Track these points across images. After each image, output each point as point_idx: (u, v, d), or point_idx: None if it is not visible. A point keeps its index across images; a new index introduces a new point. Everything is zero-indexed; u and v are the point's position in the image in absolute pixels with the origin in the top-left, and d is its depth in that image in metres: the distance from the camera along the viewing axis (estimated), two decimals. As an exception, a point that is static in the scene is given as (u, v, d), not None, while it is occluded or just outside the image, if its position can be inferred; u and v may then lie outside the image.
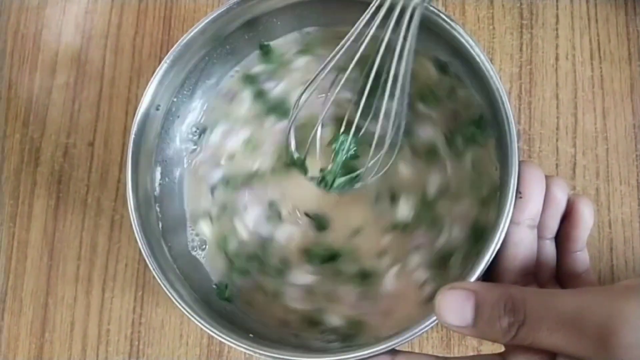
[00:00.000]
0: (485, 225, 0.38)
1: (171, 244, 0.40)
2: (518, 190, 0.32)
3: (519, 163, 0.33)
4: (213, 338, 0.43)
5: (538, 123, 0.47)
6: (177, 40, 0.38)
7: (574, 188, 0.46)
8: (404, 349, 0.33)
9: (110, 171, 0.50)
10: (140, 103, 0.38)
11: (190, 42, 0.39)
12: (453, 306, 0.28)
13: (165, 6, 0.52)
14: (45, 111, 0.52)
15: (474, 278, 0.32)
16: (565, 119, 0.47)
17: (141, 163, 0.39)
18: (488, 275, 0.33)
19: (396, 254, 0.39)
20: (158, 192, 0.41)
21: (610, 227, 0.45)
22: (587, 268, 0.33)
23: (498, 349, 0.31)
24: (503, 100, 0.34)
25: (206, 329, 0.35)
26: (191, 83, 0.42)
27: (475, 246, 0.38)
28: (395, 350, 0.33)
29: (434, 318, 0.32)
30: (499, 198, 0.37)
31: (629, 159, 0.46)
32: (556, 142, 0.47)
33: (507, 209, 0.32)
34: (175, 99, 0.42)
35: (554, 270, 0.33)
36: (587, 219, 0.32)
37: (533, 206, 0.32)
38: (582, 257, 0.33)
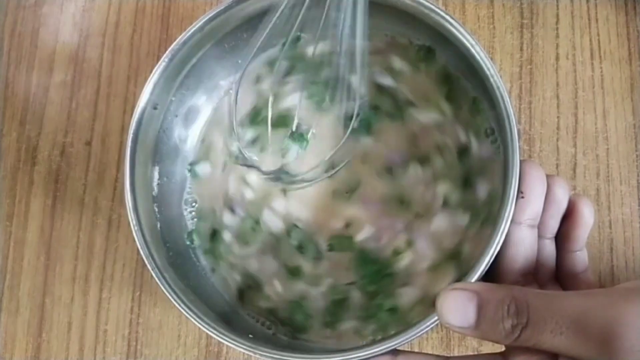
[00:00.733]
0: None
1: (169, 244, 0.40)
2: (519, 190, 0.32)
3: (520, 162, 0.33)
4: (211, 338, 0.43)
5: (538, 123, 0.47)
6: (176, 39, 0.38)
7: (575, 188, 0.46)
8: (404, 349, 0.33)
9: (107, 170, 0.50)
10: (137, 102, 0.38)
11: (189, 41, 0.39)
12: (455, 307, 0.28)
13: (164, 4, 0.52)
14: (43, 110, 0.51)
15: (475, 278, 0.32)
16: (566, 118, 0.47)
17: (139, 162, 0.39)
18: (488, 275, 0.33)
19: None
20: (156, 192, 0.41)
21: (610, 227, 0.45)
22: (586, 268, 0.33)
23: (498, 349, 0.31)
24: (504, 99, 0.34)
25: (205, 329, 0.35)
26: (189, 82, 0.42)
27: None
28: (396, 350, 0.32)
29: (434, 318, 0.32)
30: (500, 197, 0.37)
31: (629, 159, 0.46)
32: (556, 142, 0.46)
33: (509, 208, 0.32)
34: (174, 98, 0.41)
35: (553, 270, 0.33)
36: (587, 218, 0.32)
37: (534, 206, 0.32)
38: (582, 257, 0.33)
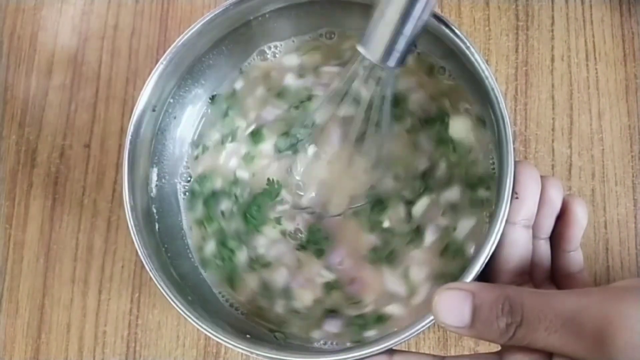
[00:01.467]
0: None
1: (168, 246, 0.40)
2: (514, 191, 0.32)
3: (515, 163, 0.33)
4: (210, 339, 0.43)
5: (534, 124, 0.47)
6: (174, 41, 0.38)
7: (570, 189, 0.46)
8: (400, 349, 0.33)
9: (106, 172, 0.50)
10: (136, 104, 0.38)
11: (187, 43, 0.39)
12: (450, 307, 0.29)
13: (162, 7, 0.52)
14: (42, 112, 0.51)
15: (471, 278, 0.32)
16: (561, 120, 0.47)
17: (137, 164, 0.39)
18: (484, 275, 0.33)
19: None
20: (155, 194, 0.41)
21: (605, 228, 0.46)
22: (582, 268, 0.33)
23: (495, 349, 0.31)
24: (499, 100, 0.34)
25: (203, 330, 0.35)
26: (187, 84, 0.42)
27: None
28: (393, 350, 0.33)
29: (430, 318, 0.32)
30: (495, 198, 0.37)
31: (624, 160, 0.46)
32: (552, 143, 0.47)
33: (503, 209, 0.32)
34: (172, 100, 0.42)
35: (548, 270, 0.34)
36: (581, 218, 0.32)
37: (529, 206, 0.32)
38: (577, 257, 0.33)
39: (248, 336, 0.37)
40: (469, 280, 0.32)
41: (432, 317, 0.32)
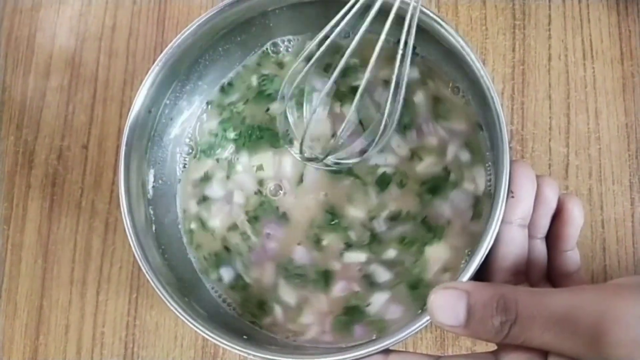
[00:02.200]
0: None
1: (165, 247, 0.40)
2: (510, 190, 0.32)
3: (511, 163, 0.33)
4: (208, 340, 0.43)
5: (531, 123, 0.47)
6: (171, 42, 0.38)
7: (567, 188, 0.46)
8: (397, 349, 0.33)
9: (104, 173, 0.50)
10: (132, 106, 0.38)
11: (182, 45, 0.39)
12: (446, 306, 0.29)
13: (159, 8, 0.52)
14: (39, 114, 0.51)
15: (467, 277, 0.32)
16: (558, 119, 0.47)
17: (134, 166, 0.39)
18: (480, 275, 0.33)
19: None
20: (151, 195, 0.41)
21: (603, 227, 0.46)
22: (578, 267, 0.33)
23: (492, 349, 0.31)
24: (494, 100, 0.34)
25: (200, 332, 0.35)
26: (184, 86, 0.42)
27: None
28: (389, 350, 0.33)
29: (427, 318, 0.32)
30: (491, 197, 0.37)
31: (621, 159, 0.46)
32: (549, 142, 0.47)
33: (499, 208, 0.32)
34: (168, 101, 0.42)
35: (545, 270, 0.34)
36: (577, 217, 0.32)
37: (524, 206, 0.32)
38: (573, 257, 0.33)
39: (245, 337, 0.37)
40: (465, 279, 0.32)
41: (428, 317, 0.32)
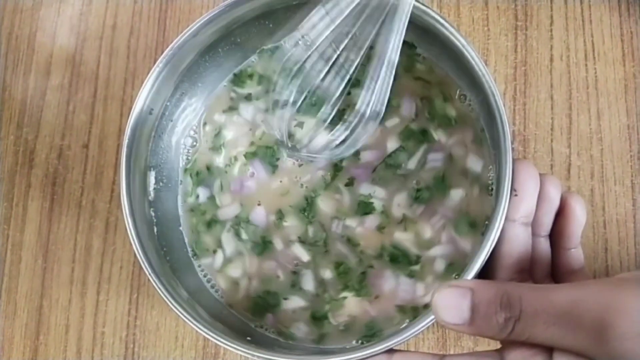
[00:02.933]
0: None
1: (166, 248, 0.40)
2: (513, 188, 0.32)
3: (513, 161, 0.33)
4: (209, 340, 0.43)
5: (533, 124, 0.47)
6: (172, 41, 0.38)
7: (569, 189, 0.46)
8: (400, 349, 0.33)
9: (105, 173, 0.50)
10: (132, 107, 0.38)
11: (183, 45, 0.39)
12: (450, 304, 0.29)
13: (160, 7, 0.52)
14: (40, 113, 0.51)
15: (471, 276, 0.32)
16: (560, 119, 0.47)
17: (135, 168, 0.39)
18: (484, 273, 0.33)
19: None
20: (153, 197, 0.41)
21: (605, 228, 0.46)
22: (582, 265, 0.33)
23: (495, 347, 0.31)
24: (496, 99, 0.34)
25: (201, 332, 0.35)
26: (184, 86, 0.42)
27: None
28: (393, 350, 0.33)
29: (430, 318, 0.32)
30: (494, 196, 0.37)
31: (623, 160, 0.46)
32: (551, 143, 0.47)
33: (503, 207, 0.32)
34: (169, 103, 0.41)
35: (549, 268, 0.34)
36: (579, 215, 0.32)
37: (527, 204, 0.32)
38: (577, 255, 0.33)
39: (249, 338, 0.37)
40: (469, 278, 0.32)
41: (432, 317, 0.32)
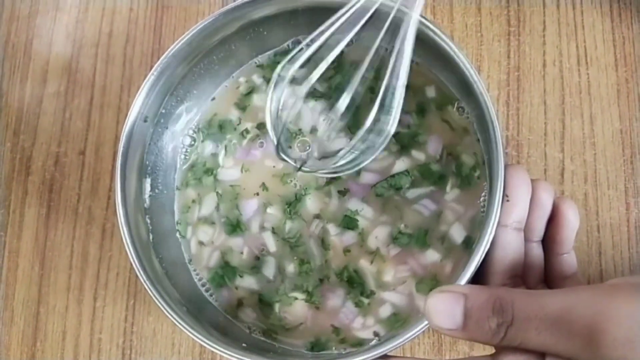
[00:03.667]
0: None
1: (162, 255, 0.40)
2: (505, 194, 0.33)
3: (506, 167, 0.33)
4: (205, 347, 0.43)
5: (526, 129, 0.47)
6: (168, 49, 0.38)
7: (562, 193, 0.46)
8: (395, 354, 0.33)
9: (101, 180, 0.50)
10: (127, 116, 0.39)
11: (177, 54, 0.39)
12: (443, 309, 0.29)
13: (156, 15, 0.52)
14: (36, 120, 0.52)
15: (464, 281, 0.33)
16: (553, 124, 0.47)
17: (130, 175, 0.39)
18: (477, 278, 0.33)
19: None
20: (148, 204, 0.41)
21: (598, 232, 0.46)
22: (575, 271, 0.34)
23: (490, 352, 0.31)
24: (488, 105, 0.35)
25: (197, 339, 0.35)
26: (179, 93, 0.42)
27: None
28: (387, 356, 0.33)
29: (424, 323, 0.32)
30: (487, 201, 0.38)
31: (616, 164, 0.47)
32: (544, 148, 0.47)
33: (495, 212, 0.33)
34: (164, 110, 0.42)
35: (542, 273, 0.34)
36: (572, 220, 0.33)
37: (519, 209, 0.32)
38: (570, 260, 0.33)
39: (244, 345, 0.37)
40: (462, 282, 0.32)
41: (426, 323, 0.32)
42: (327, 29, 0.36)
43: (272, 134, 0.38)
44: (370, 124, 0.36)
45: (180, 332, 0.47)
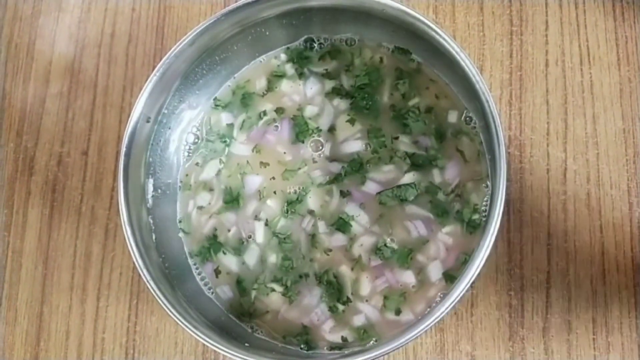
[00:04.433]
0: None
1: (165, 255, 0.40)
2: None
3: (508, 169, 0.33)
4: (208, 346, 0.44)
5: (529, 129, 0.47)
6: (170, 49, 0.39)
7: (565, 193, 0.46)
8: (398, 355, 0.33)
9: (104, 180, 0.50)
10: (130, 116, 0.39)
11: (180, 54, 0.39)
12: None
13: (158, 15, 0.52)
14: (39, 120, 0.52)
15: (463, 284, 0.33)
16: (556, 124, 0.47)
17: (133, 176, 0.39)
18: None
19: None
20: (151, 204, 0.41)
21: (601, 232, 0.46)
22: None
23: (491, 354, 0.31)
24: (490, 105, 0.35)
25: (200, 338, 0.35)
26: (182, 94, 0.42)
27: None
28: None
29: (427, 323, 0.33)
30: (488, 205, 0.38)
31: (619, 164, 0.46)
32: (547, 147, 0.47)
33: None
34: (166, 110, 0.42)
35: None
36: None
37: None
38: None
39: (246, 344, 0.37)
40: (460, 289, 0.33)
41: (428, 323, 0.32)
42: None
43: None
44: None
45: (183, 332, 0.47)
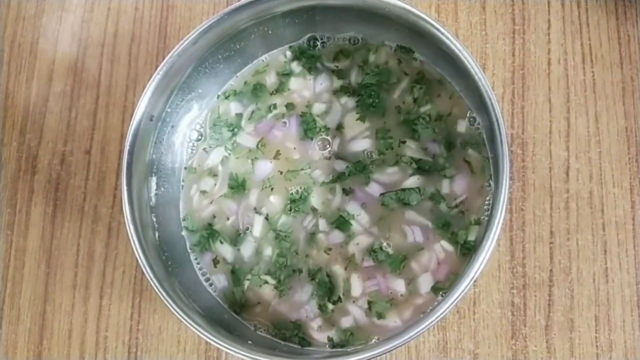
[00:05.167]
0: None
1: (168, 253, 0.40)
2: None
3: (511, 168, 0.33)
4: (210, 344, 0.44)
5: (531, 127, 0.47)
6: (173, 48, 0.39)
7: (568, 191, 0.46)
8: (400, 353, 0.33)
9: (107, 178, 0.50)
10: (133, 114, 0.39)
11: (183, 53, 0.39)
12: None
13: (161, 14, 0.52)
14: (42, 119, 0.52)
15: (462, 286, 0.33)
16: (558, 122, 0.47)
17: (136, 174, 0.39)
18: None
19: None
20: (154, 202, 0.41)
21: (604, 230, 0.46)
22: None
23: (494, 352, 0.31)
24: (493, 103, 0.35)
25: (203, 336, 0.35)
26: (184, 92, 0.42)
27: None
28: None
29: (429, 321, 0.33)
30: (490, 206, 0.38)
31: (621, 162, 0.47)
32: (549, 146, 0.47)
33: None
34: (169, 109, 0.42)
35: None
36: None
37: None
38: None
39: (249, 342, 0.37)
40: (458, 291, 0.33)
41: (431, 321, 0.32)
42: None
43: None
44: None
45: (186, 330, 0.47)
